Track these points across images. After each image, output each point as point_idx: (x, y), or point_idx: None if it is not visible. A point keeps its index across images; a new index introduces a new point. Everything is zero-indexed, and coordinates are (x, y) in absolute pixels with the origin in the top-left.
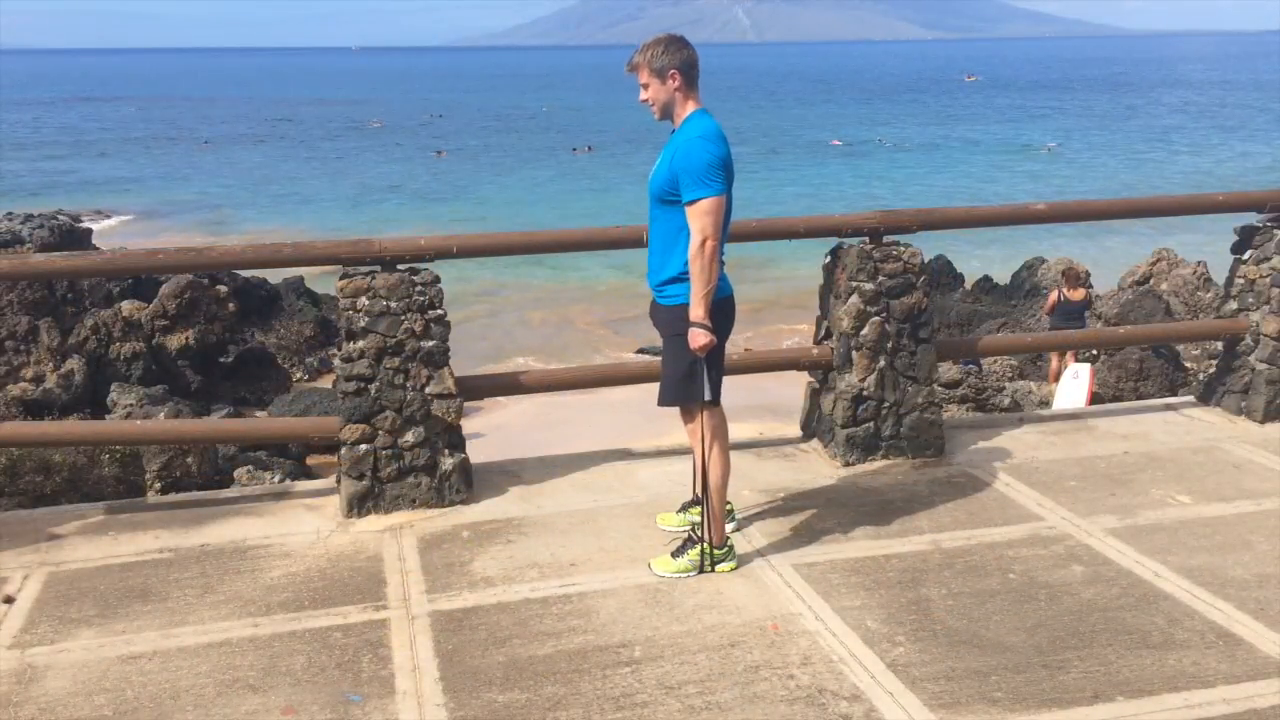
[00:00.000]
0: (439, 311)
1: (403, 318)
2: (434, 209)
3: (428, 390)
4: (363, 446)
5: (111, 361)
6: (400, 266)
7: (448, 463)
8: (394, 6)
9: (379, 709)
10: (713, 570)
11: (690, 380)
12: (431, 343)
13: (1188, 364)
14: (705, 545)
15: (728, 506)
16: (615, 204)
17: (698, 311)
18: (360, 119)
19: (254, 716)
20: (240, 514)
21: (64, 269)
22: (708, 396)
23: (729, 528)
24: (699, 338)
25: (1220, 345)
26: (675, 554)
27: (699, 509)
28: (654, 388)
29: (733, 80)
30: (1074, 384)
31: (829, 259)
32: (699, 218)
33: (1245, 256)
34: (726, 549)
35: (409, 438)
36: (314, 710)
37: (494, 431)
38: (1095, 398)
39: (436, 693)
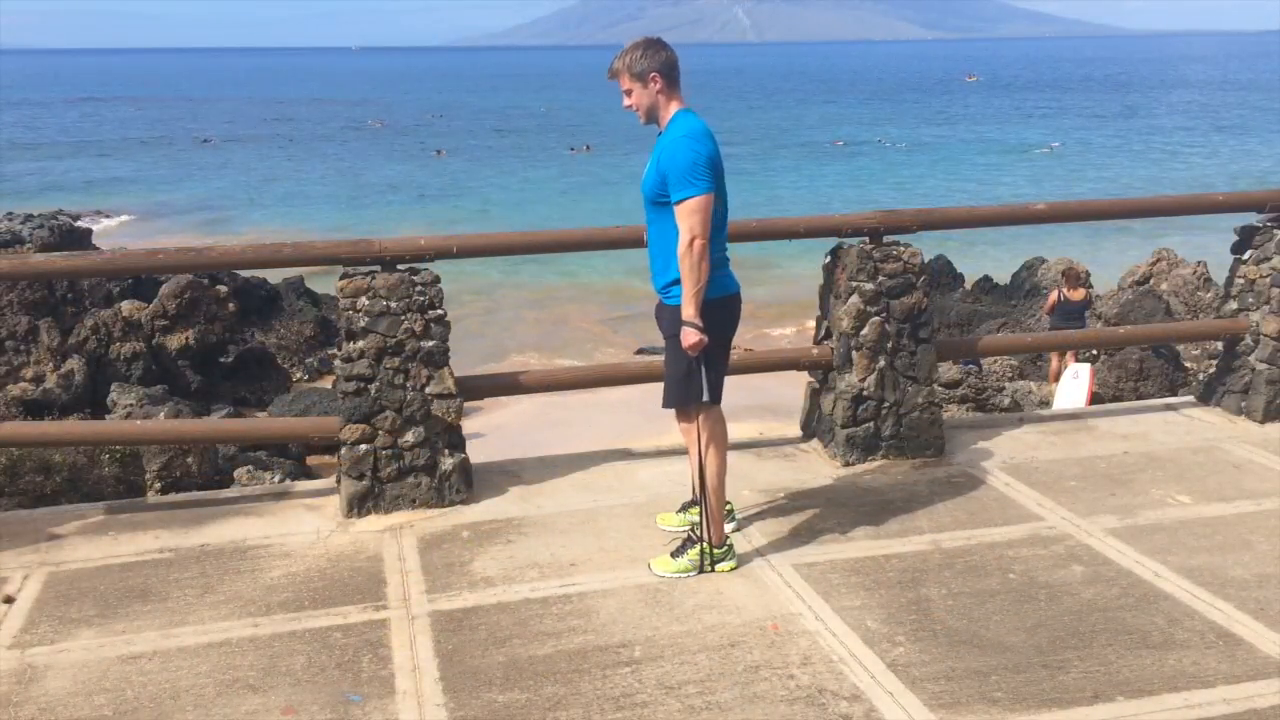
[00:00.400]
0: (439, 311)
1: (403, 318)
2: (434, 209)
3: (428, 390)
4: (363, 446)
5: (111, 361)
6: (400, 266)
7: (448, 463)
8: (394, 6)
9: (379, 709)
10: (712, 570)
11: (689, 380)
12: (431, 343)
13: (1188, 364)
14: (705, 545)
15: (727, 506)
16: (615, 204)
17: (688, 310)
18: (360, 119)
19: (254, 716)
20: (240, 514)
21: (64, 269)
22: (706, 397)
23: (729, 528)
24: (690, 336)
25: (1220, 345)
26: (675, 554)
27: (699, 509)
28: (653, 387)
29: (733, 80)
30: (1074, 384)
31: (829, 259)
32: (686, 216)
33: (1245, 256)
34: (726, 549)
35: (409, 438)
36: (314, 710)
37: (494, 431)
38: (1095, 398)
39: (436, 693)
